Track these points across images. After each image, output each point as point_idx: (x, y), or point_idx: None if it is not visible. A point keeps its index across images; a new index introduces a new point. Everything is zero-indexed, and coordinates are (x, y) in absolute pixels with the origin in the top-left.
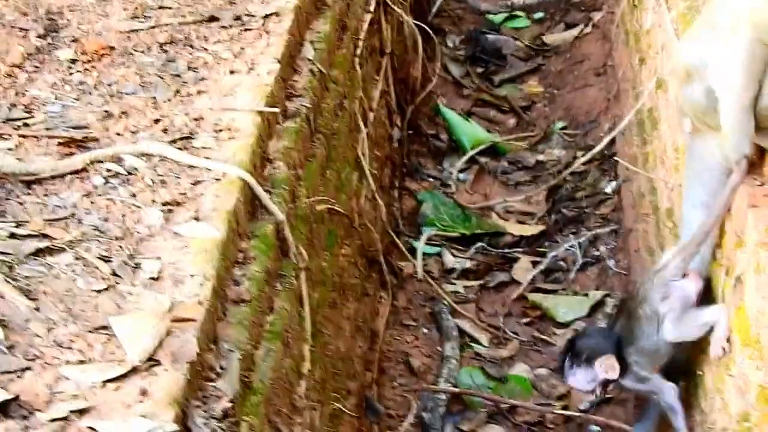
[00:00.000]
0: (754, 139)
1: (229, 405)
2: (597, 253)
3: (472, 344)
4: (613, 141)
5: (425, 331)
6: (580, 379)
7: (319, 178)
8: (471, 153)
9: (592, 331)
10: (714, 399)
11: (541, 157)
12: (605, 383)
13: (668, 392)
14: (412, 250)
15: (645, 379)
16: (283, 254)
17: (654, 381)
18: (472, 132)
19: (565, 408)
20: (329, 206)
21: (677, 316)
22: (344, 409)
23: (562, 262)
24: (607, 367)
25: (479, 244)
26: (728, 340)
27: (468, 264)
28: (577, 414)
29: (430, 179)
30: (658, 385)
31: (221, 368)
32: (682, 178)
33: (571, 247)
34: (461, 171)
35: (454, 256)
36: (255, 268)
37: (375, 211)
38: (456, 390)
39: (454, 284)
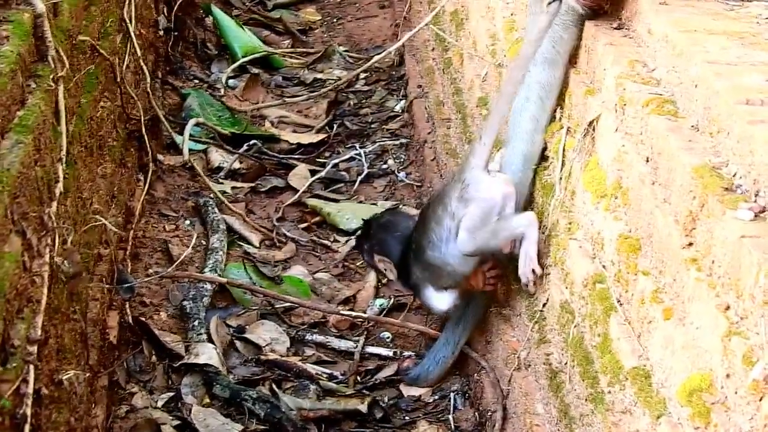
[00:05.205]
0: None
1: None
2: (385, 166)
3: (242, 243)
4: (402, 63)
5: (187, 223)
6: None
7: (82, 9)
8: (242, 60)
9: (391, 220)
10: (551, 271)
11: (320, 76)
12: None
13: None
14: (174, 146)
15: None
16: (40, 57)
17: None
18: (245, 39)
19: None
20: (92, 42)
21: (474, 224)
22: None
23: (344, 173)
24: (386, 266)
25: (253, 141)
26: (539, 262)
27: (237, 165)
28: (365, 316)
29: (196, 80)
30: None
31: None
32: (500, 60)
33: (355, 156)
34: (231, 77)
35: (222, 154)
36: (7, 48)
37: (138, 87)
38: (224, 279)
39: (221, 184)
